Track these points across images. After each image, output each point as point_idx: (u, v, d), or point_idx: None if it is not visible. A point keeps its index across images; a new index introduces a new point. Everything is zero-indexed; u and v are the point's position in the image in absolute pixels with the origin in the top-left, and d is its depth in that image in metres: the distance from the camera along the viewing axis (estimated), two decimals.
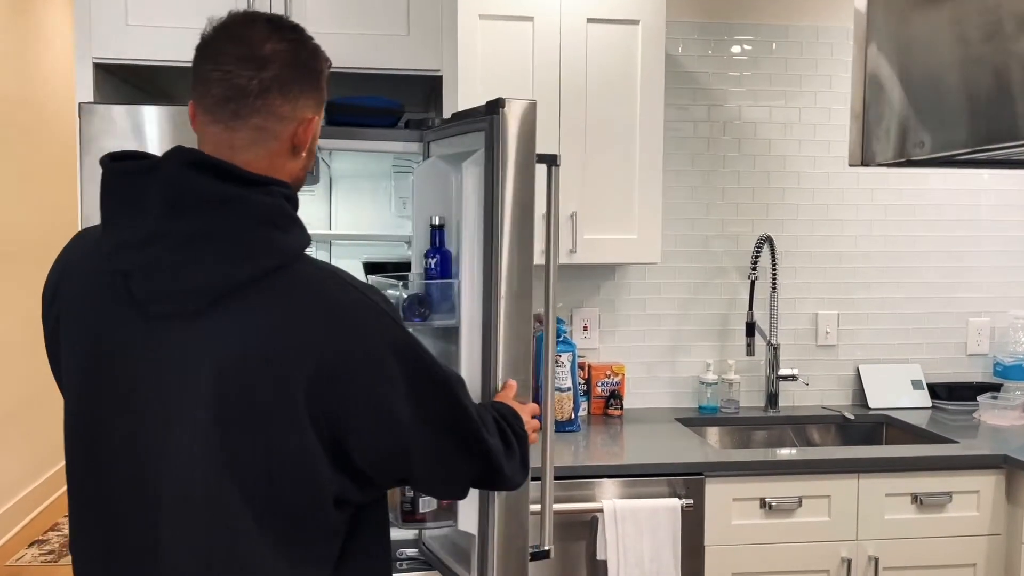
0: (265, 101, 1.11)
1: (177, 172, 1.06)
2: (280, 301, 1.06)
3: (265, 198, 1.07)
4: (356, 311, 1.10)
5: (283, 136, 1.14)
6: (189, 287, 1.05)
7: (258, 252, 1.05)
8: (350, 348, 1.08)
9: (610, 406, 2.86)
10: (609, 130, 2.59)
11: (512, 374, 1.65)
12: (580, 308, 2.95)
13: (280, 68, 1.12)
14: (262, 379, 1.04)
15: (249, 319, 1.05)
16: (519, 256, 1.65)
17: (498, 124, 1.62)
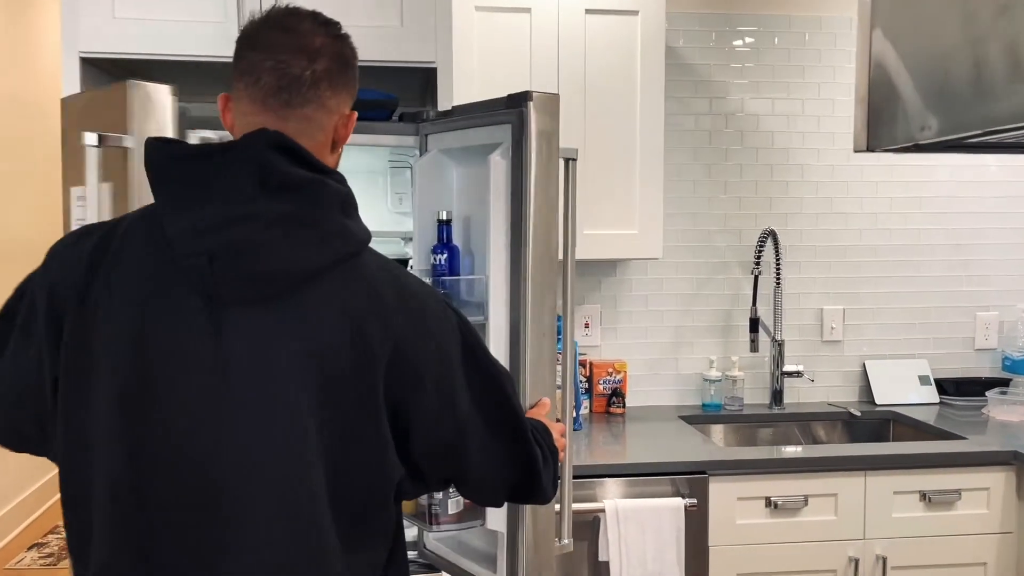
0: (316, 91, 1.12)
1: (267, 152, 1.05)
2: (360, 288, 1.08)
3: (338, 186, 1.10)
4: (428, 301, 1.16)
5: (327, 128, 1.16)
6: (275, 269, 1.03)
7: (337, 238, 1.07)
8: (425, 336, 1.12)
9: (612, 404, 2.82)
10: (609, 124, 2.54)
11: (538, 372, 1.65)
12: (581, 305, 2.90)
13: (329, 61, 1.13)
14: (347, 366, 1.05)
15: (330, 305, 1.05)
16: (545, 252, 1.65)
17: (527, 117, 1.61)
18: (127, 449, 1.04)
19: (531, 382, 1.67)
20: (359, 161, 2.46)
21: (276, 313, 1.04)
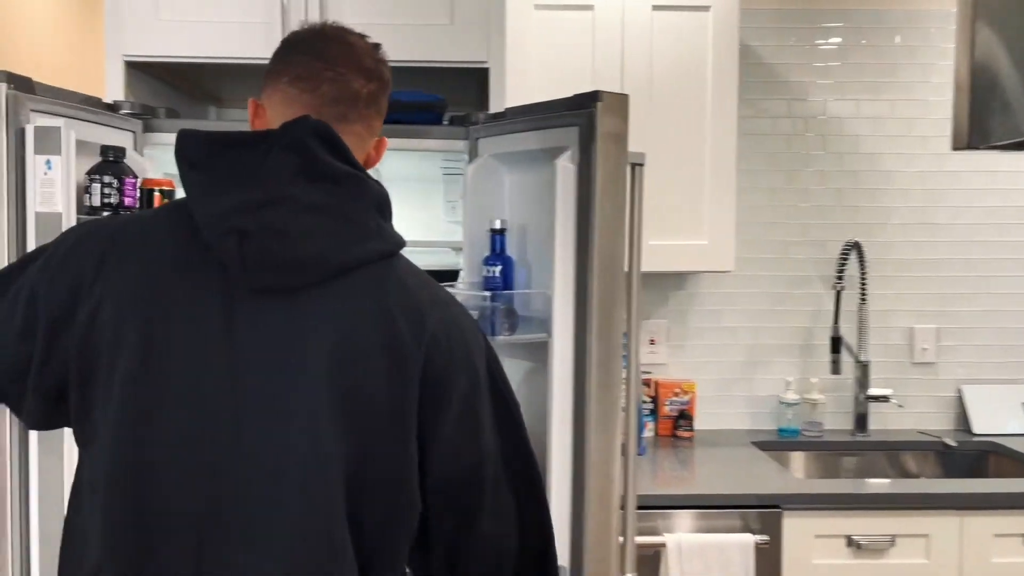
0: (369, 111, 1.12)
1: (309, 139, 1.01)
2: (396, 289, 1.03)
3: (377, 186, 1.07)
4: (462, 315, 1.11)
5: (368, 148, 1.15)
6: (308, 256, 0.99)
7: (374, 236, 1.03)
8: (457, 351, 1.06)
9: (679, 427, 2.64)
10: (676, 127, 2.38)
11: (605, 394, 1.56)
12: (646, 320, 2.73)
13: (379, 84, 1.13)
14: (380, 369, 1.00)
15: (364, 302, 1.01)
16: (611, 264, 1.55)
17: (596, 119, 1.51)
18: (129, 449, 0.99)
19: (597, 405, 1.57)
20: (410, 167, 2.36)
21: (302, 307, 0.99)
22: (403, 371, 1.00)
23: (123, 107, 1.81)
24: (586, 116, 1.55)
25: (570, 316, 1.60)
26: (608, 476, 1.61)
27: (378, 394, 0.99)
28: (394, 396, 1.00)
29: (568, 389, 1.60)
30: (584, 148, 1.56)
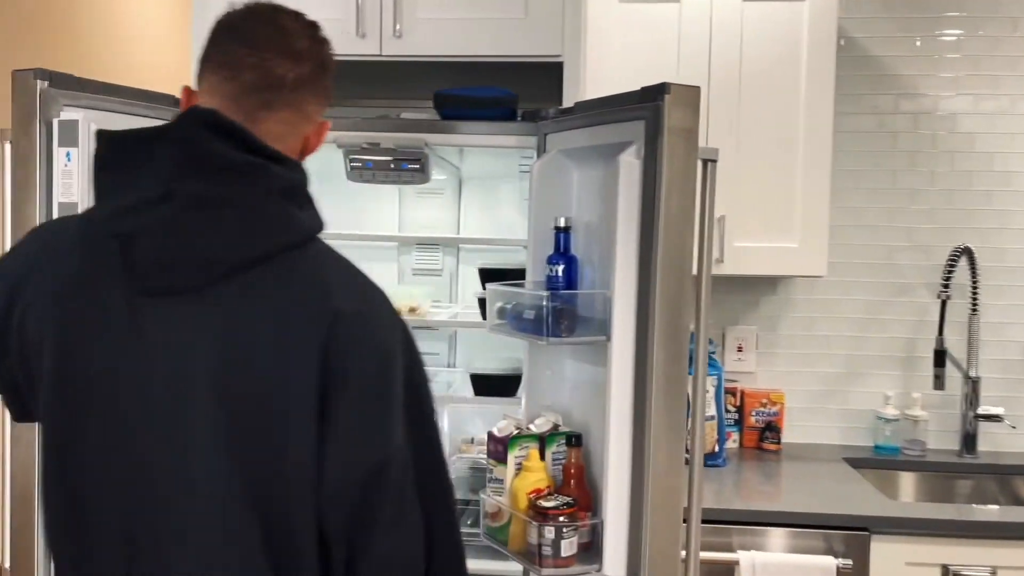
0: (297, 96, 1.05)
1: (194, 132, 0.98)
2: (297, 282, 0.98)
3: (287, 173, 1.02)
4: (379, 307, 1.04)
5: (301, 135, 1.09)
6: (200, 256, 0.95)
7: (277, 227, 0.98)
8: (364, 342, 0.99)
9: (765, 439, 2.51)
10: (767, 124, 2.26)
11: (667, 398, 1.49)
12: (734, 326, 2.61)
13: (313, 66, 1.06)
14: (271, 369, 0.95)
15: (262, 300, 0.96)
16: (678, 265, 1.48)
17: (663, 112, 1.44)
18: (55, 459, 1.01)
19: (659, 412, 1.50)
20: (488, 165, 2.34)
21: (197, 306, 0.95)
22: (299, 366, 0.95)
23: None
24: (652, 109, 1.49)
25: (631, 319, 1.53)
26: (670, 486, 1.53)
27: (274, 393, 0.95)
28: (291, 394, 0.95)
29: (627, 394, 1.54)
30: (650, 143, 1.50)
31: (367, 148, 1.88)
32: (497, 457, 1.67)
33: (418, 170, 1.90)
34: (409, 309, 2.05)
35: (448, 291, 2.43)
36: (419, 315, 2.06)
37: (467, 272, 2.36)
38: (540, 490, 1.61)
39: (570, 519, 1.56)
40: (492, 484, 1.68)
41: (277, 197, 0.99)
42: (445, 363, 2.43)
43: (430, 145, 1.87)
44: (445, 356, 2.44)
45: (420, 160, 1.89)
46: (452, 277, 2.44)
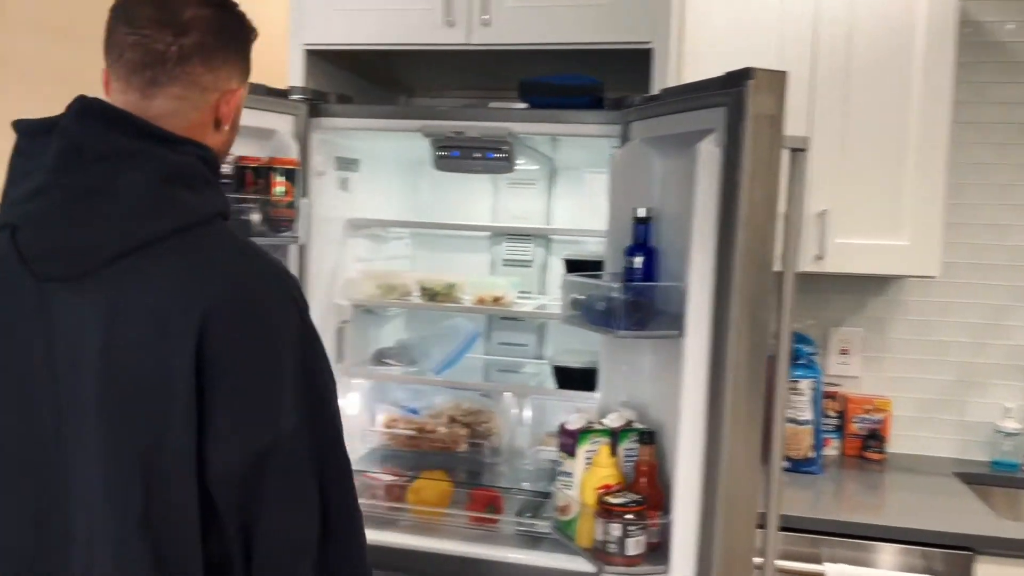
0: (185, 69, 1.03)
1: (74, 123, 0.99)
2: (180, 267, 0.96)
3: (173, 155, 1.00)
4: (268, 287, 1.00)
5: (204, 108, 1.06)
6: (81, 245, 0.96)
7: (161, 211, 0.97)
8: (246, 322, 0.97)
9: (868, 448, 2.37)
10: (876, 113, 2.13)
11: (744, 396, 1.43)
12: (838, 328, 2.48)
13: (202, 35, 1.04)
14: (148, 359, 0.94)
15: (143, 285, 0.95)
16: (759, 259, 1.42)
17: (745, 98, 1.38)
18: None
19: (734, 411, 1.44)
20: (578, 156, 2.31)
21: (88, 291, 0.96)
22: (176, 351, 0.94)
23: (294, 93, 1.91)
24: (735, 95, 1.43)
25: (706, 314, 1.48)
26: (745, 490, 1.47)
27: (152, 377, 0.94)
28: (168, 378, 0.94)
29: (701, 392, 1.49)
30: (732, 130, 1.44)
31: (452, 137, 1.88)
32: (567, 450, 1.64)
33: (503, 159, 1.89)
34: (493, 299, 2.05)
35: (537, 282, 2.41)
36: (503, 305, 2.05)
37: (557, 263, 2.34)
38: (609, 486, 1.58)
39: (638, 517, 1.52)
40: (562, 477, 1.66)
41: (159, 182, 0.98)
42: (533, 355, 2.42)
43: (514, 134, 1.86)
44: (533, 348, 2.43)
45: (505, 149, 1.88)
46: (542, 268, 2.42)
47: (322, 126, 1.94)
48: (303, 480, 1.00)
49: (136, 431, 0.95)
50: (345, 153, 2.10)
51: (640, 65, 1.89)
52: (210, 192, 1.03)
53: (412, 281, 2.11)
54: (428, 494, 2.03)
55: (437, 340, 2.22)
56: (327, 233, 2.04)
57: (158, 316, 0.94)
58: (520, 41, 1.91)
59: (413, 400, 2.27)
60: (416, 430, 2.15)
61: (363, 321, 2.24)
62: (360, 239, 2.21)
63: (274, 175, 1.83)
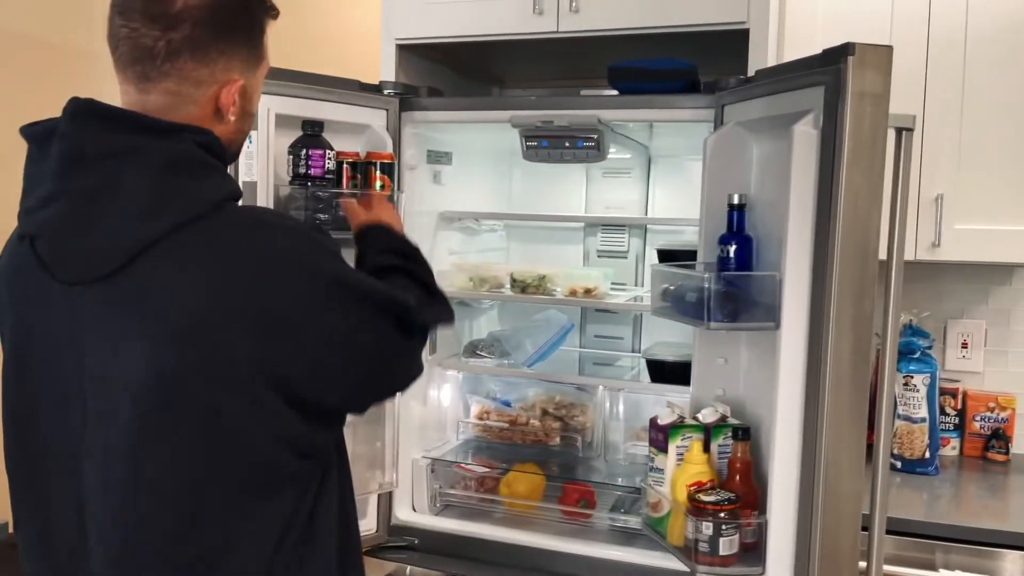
0: (175, 65, 1.01)
1: (70, 125, 0.99)
2: (201, 257, 0.97)
3: (171, 144, 0.99)
4: (287, 252, 1.01)
5: (201, 100, 1.05)
6: (98, 246, 0.96)
7: (167, 205, 0.97)
8: (287, 293, 0.99)
9: (991, 448, 2.21)
10: (1000, 91, 1.98)
11: (846, 392, 1.37)
12: (959, 319, 2.32)
13: (192, 28, 1.01)
14: (198, 350, 0.95)
15: (170, 280, 0.95)
16: (862, 247, 1.35)
17: (845, 76, 1.32)
18: (17, 439, 1.07)
19: (833, 407, 1.37)
20: (675, 142, 2.24)
21: (112, 292, 0.96)
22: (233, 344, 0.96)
23: (386, 88, 1.93)
24: (833, 73, 1.35)
25: (803, 305, 1.41)
26: (847, 490, 1.39)
27: (208, 374, 0.95)
28: (226, 371, 0.95)
29: (798, 387, 1.42)
30: (830, 110, 1.36)
31: (540, 127, 1.86)
32: (658, 446, 1.60)
33: (593, 148, 1.86)
34: (585, 291, 2.02)
35: (633, 273, 2.36)
36: (595, 297, 2.01)
37: (653, 254, 2.28)
38: (701, 483, 1.52)
39: (730, 516, 1.46)
40: (653, 474, 1.62)
41: (160, 173, 0.97)
42: (628, 348, 2.38)
43: (604, 121, 1.82)
44: (628, 340, 2.38)
45: (595, 137, 1.84)
46: (638, 259, 2.37)
47: (413, 120, 1.95)
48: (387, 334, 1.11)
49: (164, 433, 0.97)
50: (437, 147, 2.11)
51: (735, 48, 1.81)
52: (214, 177, 1.02)
53: (504, 273, 2.10)
54: (521, 487, 2.02)
55: (530, 332, 2.19)
56: (420, 226, 2.05)
57: (190, 310, 0.95)
58: (609, 27, 1.87)
59: (506, 392, 2.26)
60: (509, 422, 2.14)
61: (456, 313, 2.24)
62: (453, 232, 2.22)
63: (373, 170, 1.85)
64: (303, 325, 1.00)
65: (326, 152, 1.75)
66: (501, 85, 2.60)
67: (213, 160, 1.04)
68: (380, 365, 1.13)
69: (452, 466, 2.09)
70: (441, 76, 2.24)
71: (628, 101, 1.80)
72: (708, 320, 1.45)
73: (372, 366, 1.11)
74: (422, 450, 2.09)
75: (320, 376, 1.03)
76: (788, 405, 1.42)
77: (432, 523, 1.98)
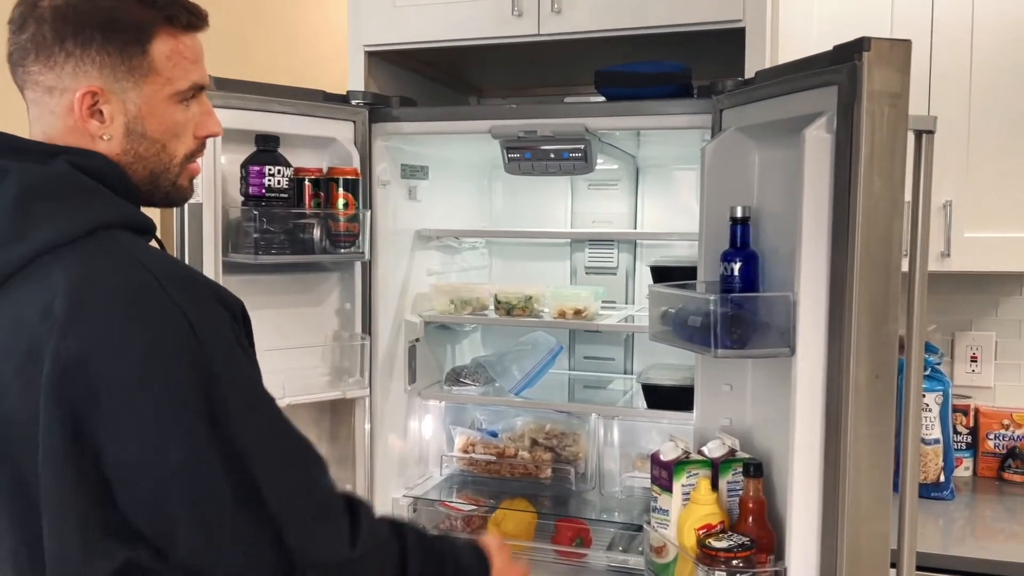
0: (25, 68, 0.93)
1: None
2: (41, 293, 0.84)
3: (39, 167, 0.90)
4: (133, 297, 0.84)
5: (58, 112, 0.93)
6: None
7: (24, 232, 0.87)
8: (107, 346, 0.82)
9: (1007, 468, 2.09)
10: (1010, 87, 1.87)
11: (866, 423, 1.23)
12: (966, 332, 2.21)
13: (38, 27, 0.91)
14: (16, 402, 0.83)
15: (12, 316, 0.85)
16: (883, 261, 1.23)
17: (860, 74, 1.19)
18: None
19: (856, 440, 1.24)
20: (666, 151, 2.12)
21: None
22: (37, 396, 0.82)
23: (354, 98, 1.78)
24: (848, 71, 1.22)
25: (820, 327, 1.28)
26: (872, 531, 1.26)
27: (25, 430, 0.83)
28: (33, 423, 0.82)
29: (817, 418, 1.29)
30: (844, 112, 1.23)
31: (523, 137, 1.72)
32: (661, 484, 1.46)
33: (580, 158, 1.72)
34: (574, 312, 1.88)
35: (624, 291, 2.23)
36: (585, 318, 1.87)
37: (645, 270, 2.15)
38: (711, 526, 1.38)
39: (746, 563, 1.32)
40: (656, 515, 1.47)
41: (16, 200, 0.87)
42: (621, 369, 2.24)
43: (591, 130, 1.68)
44: (621, 362, 2.25)
45: (582, 147, 1.71)
46: (628, 275, 2.23)
47: (385, 132, 1.81)
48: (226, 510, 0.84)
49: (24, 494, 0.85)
50: (412, 160, 1.97)
51: (728, 48, 1.68)
52: (90, 203, 0.90)
53: (487, 294, 1.96)
54: (511, 525, 1.88)
55: (516, 357, 2.05)
56: (395, 246, 1.91)
57: (24, 352, 0.83)
58: (595, 28, 1.73)
59: (493, 422, 2.12)
60: (496, 455, 1.99)
61: (436, 338, 2.10)
62: (431, 251, 2.07)
63: (335, 187, 1.72)
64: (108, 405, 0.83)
65: (280, 169, 1.61)
66: (480, 94, 2.46)
67: (93, 184, 0.91)
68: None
69: (436, 504, 1.94)
70: (415, 85, 2.10)
71: (617, 108, 1.66)
72: (716, 347, 1.31)
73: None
74: (403, 488, 1.94)
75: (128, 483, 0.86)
76: (806, 439, 1.28)
77: None
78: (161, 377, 0.82)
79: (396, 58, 1.99)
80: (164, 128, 0.97)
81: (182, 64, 0.96)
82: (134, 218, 0.93)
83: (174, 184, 1.01)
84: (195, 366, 0.83)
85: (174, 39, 0.95)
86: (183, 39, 0.96)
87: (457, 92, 2.39)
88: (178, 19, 0.95)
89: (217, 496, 0.83)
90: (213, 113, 1.03)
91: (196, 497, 0.82)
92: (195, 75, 0.98)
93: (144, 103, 0.94)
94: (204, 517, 0.83)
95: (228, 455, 0.83)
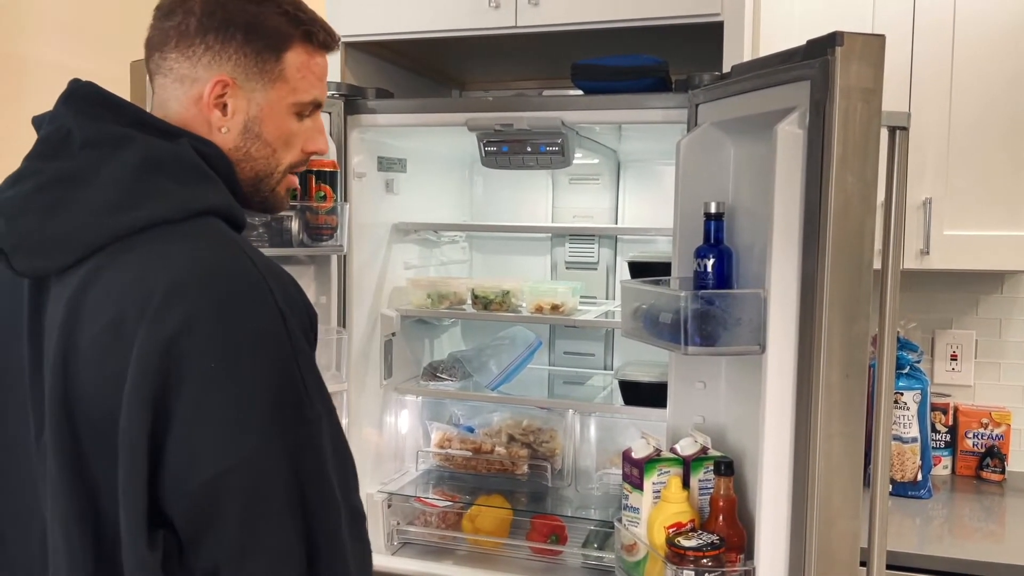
0: (162, 54, 0.96)
1: (62, 107, 0.93)
2: (146, 263, 0.84)
3: (163, 143, 0.91)
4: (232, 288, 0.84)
5: (184, 101, 0.96)
6: (55, 235, 0.86)
7: (138, 202, 0.87)
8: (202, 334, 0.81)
9: (985, 467, 2.08)
10: (990, 85, 1.86)
11: (837, 421, 1.23)
12: (947, 330, 2.20)
13: (185, 18, 0.95)
14: (101, 373, 0.82)
15: (105, 284, 0.84)
16: (855, 258, 1.22)
17: (833, 69, 1.18)
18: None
19: (826, 438, 1.24)
20: (647, 145, 2.10)
21: (60, 290, 0.86)
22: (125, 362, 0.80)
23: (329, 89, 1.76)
24: (820, 66, 1.21)
25: (791, 324, 1.27)
26: (842, 530, 1.25)
27: (97, 399, 0.82)
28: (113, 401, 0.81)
29: (787, 416, 1.28)
30: (816, 107, 1.22)
31: (500, 130, 1.71)
32: (632, 482, 1.44)
33: (557, 152, 1.71)
34: (552, 307, 1.86)
35: (604, 286, 2.22)
36: (563, 313, 1.86)
37: (625, 265, 2.14)
38: (681, 524, 1.37)
39: (714, 562, 1.31)
40: (627, 512, 1.46)
41: (141, 169, 0.88)
42: (600, 365, 2.23)
43: (568, 124, 1.67)
44: (600, 357, 2.23)
45: (559, 141, 1.69)
46: (609, 270, 2.22)
47: (361, 123, 1.79)
48: (272, 520, 0.82)
49: (86, 465, 0.84)
50: (389, 153, 1.95)
51: (708, 42, 1.67)
52: (205, 187, 0.91)
53: (465, 289, 1.94)
54: (486, 522, 1.87)
55: (494, 351, 2.04)
56: (372, 239, 1.89)
57: (113, 321, 0.82)
58: (571, 21, 1.72)
59: (470, 417, 2.10)
60: (472, 450, 1.98)
61: (413, 333, 2.09)
62: (409, 244, 2.06)
63: (312, 179, 1.70)
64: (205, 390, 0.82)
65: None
66: (461, 87, 2.44)
67: (209, 170, 0.93)
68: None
69: (411, 500, 1.93)
70: (394, 77, 2.09)
71: (594, 102, 1.65)
72: (686, 344, 1.30)
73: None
74: (378, 483, 1.92)
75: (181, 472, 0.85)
76: (776, 437, 1.27)
77: (389, 564, 1.82)
78: (251, 367, 0.82)
79: (375, 49, 1.98)
80: (278, 134, 1.00)
81: (309, 78, 1.00)
82: (235, 211, 0.94)
83: (273, 191, 1.03)
84: (284, 361, 0.84)
85: (307, 54, 1.00)
86: (315, 56, 1.01)
87: (440, 85, 2.37)
88: (316, 36, 1.00)
89: (270, 495, 0.82)
90: (324, 131, 1.07)
91: (251, 490, 0.81)
92: (317, 91, 1.02)
93: (267, 106, 0.98)
94: (253, 510, 0.81)
95: (293, 457, 0.83)
